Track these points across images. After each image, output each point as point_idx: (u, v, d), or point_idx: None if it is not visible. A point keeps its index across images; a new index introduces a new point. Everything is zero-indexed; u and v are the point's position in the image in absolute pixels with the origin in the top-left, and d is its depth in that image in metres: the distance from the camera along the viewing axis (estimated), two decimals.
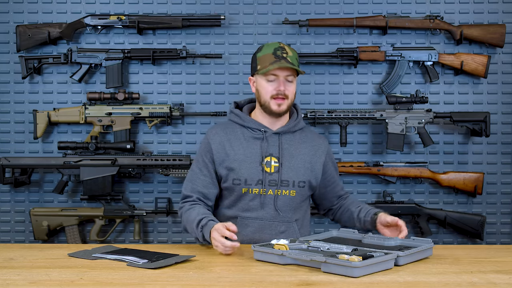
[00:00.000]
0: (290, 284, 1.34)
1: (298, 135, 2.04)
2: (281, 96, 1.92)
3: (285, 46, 1.95)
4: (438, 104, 2.93)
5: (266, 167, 1.94)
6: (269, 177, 1.94)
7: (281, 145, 1.98)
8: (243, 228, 1.94)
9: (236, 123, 2.02)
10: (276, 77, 1.92)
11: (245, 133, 1.99)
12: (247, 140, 1.98)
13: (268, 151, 1.96)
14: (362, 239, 1.77)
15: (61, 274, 1.44)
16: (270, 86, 1.93)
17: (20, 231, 2.97)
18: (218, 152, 1.97)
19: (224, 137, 1.99)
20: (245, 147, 1.96)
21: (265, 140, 1.96)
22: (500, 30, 2.84)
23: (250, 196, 1.94)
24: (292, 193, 1.97)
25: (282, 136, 1.99)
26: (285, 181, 1.95)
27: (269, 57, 1.92)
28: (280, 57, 1.91)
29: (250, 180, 1.93)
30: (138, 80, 2.96)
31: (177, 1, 2.95)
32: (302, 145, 2.02)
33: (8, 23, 2.95)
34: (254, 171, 1.94)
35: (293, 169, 1.97)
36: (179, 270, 1.49)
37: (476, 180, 2.83)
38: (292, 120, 2.04)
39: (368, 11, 2.93)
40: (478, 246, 2.07)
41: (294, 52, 1.97)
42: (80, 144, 2.79)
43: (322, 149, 2.07)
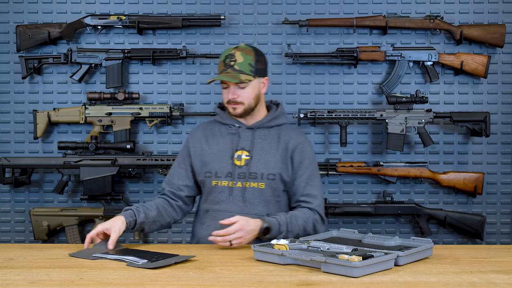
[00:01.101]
0: (290, 284, 1.34)
1: (275, 131, 2.06)
2: (233, 103, 1.99)
3: (236, 52, 1.97)
4: (438, 104, 2.93)
5: (237, 161, 1.99)
6: (239, 170, 1.98)
7: (254, 139, 2.02)
8: (213, 221, 1.96)
9: (217, 121, 2.11)
10: (227, 84, 1.99)
11: (222, 130, 2.07)
12: (222, 135, 2.05)
13: (239, 145, 2.01)
14: (362, 239, 1.77)
15: (61, 274, 1.44)
16: (224, 93, 2.02)
17: (20, 231, 2.97)
18: (194, 146, 2.06)
19: (202, 133, 2.09)
20: (220, 142, 2.04)
21: (237, 135, 2.03)
22: (500, 30, 2.84)
23: (220, 189, 1.98)
24: (261, 185, 1.97)
25: (255, 131, 2.04)
26: (253, 173, 1.98)
27: (220, 65, 2.00)
28: (228, 65, 1.96)
29: (220, 173, 1.99)
30: (138, 80, 2.96)
31: (177, 1, 2.95)
32: (276, 140, 2.04)
33: (8, 23, 2.95)
34: (224, 164, 2.00)
35: (263, 162, 1.99)
36: (179, 270, 1.49)
37: (476, 180, 2.83)
38: (268, 116, 2.07)
39: (368, 11, 2.93)
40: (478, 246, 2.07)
41: (249, 56, 1.97)
42: (80, 144, 2.79)
43: (292, 143, 2.03)
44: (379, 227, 2.95)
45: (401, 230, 2.95)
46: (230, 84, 1.97)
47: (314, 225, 1.97)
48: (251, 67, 1.97)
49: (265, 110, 2.10)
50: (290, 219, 1.90)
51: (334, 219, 2.94)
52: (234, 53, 1.97)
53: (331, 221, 2.94)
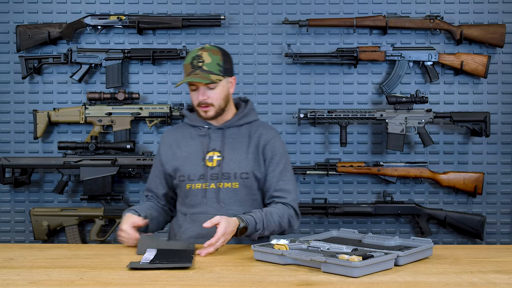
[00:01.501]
0: (290, 284, 1.34)
1: (245, 129, 2.03)
2: (203, 105, 1.95)
3: (203, 53, 1.93)
4: (438, 104, 2.93)
5: (209, 162, 1.97)
6: (211, 171, 1.96)
7: (224, 139, 2.00)
8: (191, 224, 1.95)
9: (187, 123, 2.08)
10: (195, 86, 1.94)
11: (192, 132, 2.04)
12: (193, 138, 2.03)
13: (210, 146, 1.99)
14: (362, 239, 1.77)
15: (61, 274, 1.44)
16: (194, 95, 1.96)
17: (20, 231, 2.97)
18: (165, 152, 2.04)
19: (172, 137, 2.06)
20: (190, 145, 2.01)
21: (207, 136, 2.00)
22: (500, 30, 2.84)
23: (194, 192, 1.96)
24: (234, 185, 1.95)
25: (226, 131, 2.01)
26: (226, 173, 1.96)
27: (187, 67, 1.94)
28: (196, 66, 1.92)
29: (192, 176, 1.97)
30: (138, 80, 2.96)
31: (177, 1, 2.95)
32: (246, 138, 2.01)
33: (8, 23, 2.95)
34: (196, 167, 1.97)
35: (235, 161, 1.97)
36: (179, 270, 1.49)
37: (476, 180, 2.83)
38: (237, 114, 2.04)
39: (368, 11, 2.93)
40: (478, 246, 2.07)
41: (216, 56, 1.94)
42: (80, 144, 2.79)
43: (263, 139, 2.01)
44: (379, 227, 2.95)
45: (401, 230, 2.95)
46: (199, 85, 1.92)
47: (289, 220, 1.93)
48: (220, 66, 1.94)
49: (234, 109, 2.06)
50: (266, 216, 1.85)
51: (334, 219, 2.94)
52: (201, 54, 1.93)
53: (331, 221, 2.94)
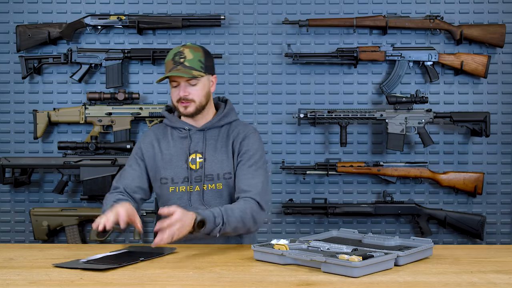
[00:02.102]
0: (290, 284, 1.34)
1: (224, 129, 2.03)
2: (184, 101, 1.94)
3: (185, 49, 1.93)
4: (438, 104, 2.93)
5: (192, 164, 1.96)
6: (195, 174, 1.95)
7: (206, 141, 1.99)
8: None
9: (167, 125, 2.06)
10: (177, 83, 1.93)
11: (173, 134, 2.02)
12: (174, 140, 2.01)
13: (193, 149, 1.98)
14: (362, 239, 1.77)
15: (61, 274, 1.44)
16: (174, 92, 1.95)
17: (20, 231, 2.97)
18: (147, 151, 2.01)
19: (153, 137, 2.03)
20: (172, 147, 1.99)
21: (189, 138, 1.99)
22: (500, 30, 2.84)
23: (178, 195, 1.95)
24: (218, 186, 1.96)
25: (207, 132, 2.00)
26: (209, 175, 1.95)
27: (169, 64, 1.93)
28: (178, 62, 1.91)
29: (176, 179, 1.96)
30: (138, 80, 2.96)
31: (177, 1, 2.95)
32: (226, 138, 2.01)
33: (8, 23, 2.95)
34: (179, 170, 1.96)
35: (217, 162, 1.96)
36: (179, 270, 1.49)
37: (476, 180, 2.83)
38: (217, 115, 2.03)
39: (368, 11, 2.93)
40: (478, 246, 2.07)
41: (198, 53, 1.94)
42: (80, 144, 2.79)
43: (240, 137, 2.00)
44: (379, 227, 2.95)
45: (401, 230, 2.95)
46: (181, 81, 1.92)
47: (252, 214, 1.85)
48: (201, 63, 1.94)
49: (214, 109, 2.06)
50: (226, 211, 1.78)
51: (334, 219, 2.94)
52: (182, 50, 1.93)
53: (331, 221, 2.94)
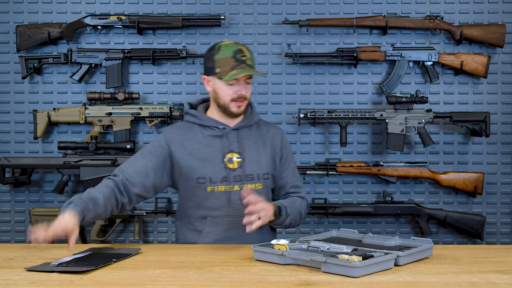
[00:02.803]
0: (290, 284, 1.34)
1: (255, 129, 2.03)
2: (241, 99, 1.93)
3: (242, 47, 1.93)
4: (438, 104, 2.93)
5: (229, 164, 1.94)
6: (233, 173, 1.94)
7: (241, 140, 1.98)
8: (214, 227, 1.93)
9: (193, 123, 2.00)
10: (236, 81, 1.91)
11: (204, 132, 1.98)
12: (206, 138, 1.97)
13: (229, 148, 1.96)
14: (362, 239, 1.77)
15: (61, 274, 1.44)
16: (230, 89, 1.91)
17: (20, 231, 2.97)
18: (177, 150, 1.94)
19: (183, 136, 1.97)
20: (205, 146, 1.95)
21: (225, 137, 1.96)
22: (500, 30, 2.84)
23: (217, 194, 1.93)
24: (258, 186, 1.96)
25: (240, 132, 1.99)
26: (249, 175, 1.95)
27: (228, 61, 1.89)
28: (240, 61, 1.90)
29: (214, 178, 1.93)
30: (138, 80, 2.96)
31: (177, 1, 2.95)
32: (260, 138, 2.02)
33: (8, 23, 2.95)
34: (217, 169, 1.93)
35: (256, 162, 1.97)
36: (179, 270, 1.49)
37: (476, 180, 2.83)
38: (248, 114, 2.03)
39: (368, 11, 2.93)
40: (478, 246, 2.07)
41: (250, 52, 1.95)
42: (80, 144, 2.79)
43: (278, 138, 2.04)
44: (379, 227, 2.95)
45: (401, 230, 2.95)
46: (241, 80, 1.90)
47: (305, 212, 2.02)
48: (254, 63, 1.98)
49: None
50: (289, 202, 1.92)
51: (334, 219, 2.94)
52: (241, 48, 1.92)
53: (331, 221, 2.94)
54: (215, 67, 1.92)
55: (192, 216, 1.97)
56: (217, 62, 1.91)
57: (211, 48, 1.96)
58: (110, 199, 1.84)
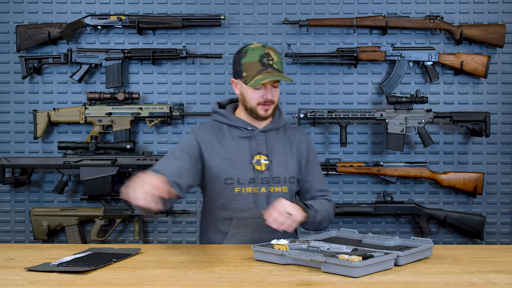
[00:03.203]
0: (290, 284, 1.34)
1: (282, 132, 2.04)
2: (268, 103, 1.93)
3: (270, 51, 1.92)
4: (438, 104, 2.93)
5: (257, 166, 1.93)
6: (261, 175, 1.93)
7: (269, 142, 1.98)
8: (240, 228, 1.93)
9: (222, 123, 2.00)
10: (263, 85, 1.90)
11: (232, 132, 1.97)
12: (235, 139, 1.96)
13: (257, 150, 1.95)
14: (362, 239, 1.77)
15: (61, 274, 1.44)
16: (256, 93, 1.91)
17: (20, 231, 2.97)
18: (207, 149, 1.93)
19: (212, 136, 1.96)
20: (234, 146, 1.95)
21: (253, 139, 1.96)
22: (500, 30, 2.84)
23: (244, 196, 1.92)
24: (284, 189, 1.96)
25: (268, 134, 1.99)
26: (276, 177, 1.95)
27: (255, 65, 1.89)
28: (267, 65, 1.89)
29: (242, 180, 1.92)
30: (138, 80, 2.96)
31: (177, 1, 2.95)
32: (287, 142, 2.02)
33: (8, 23, 2.95)
34: (245, 170, 1.92)
35: (283, 165, 1.97)
36: (179, 270, 1.49)
37: (476, 180, 2.83)
38: (276, 118, 2.03)
39: (368, 11, 2.93)
40: (478, 246, 2.07)
41: (278, 55, 1.94)
42: (80, 144, 2.79)
43: (304, 143, 2.05)
44: (379, 227, 2.95)
45: (401, 230, 2.95)
46: (267, 84, 1.90)
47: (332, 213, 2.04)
48: (282, 66, 1.96)
49: None
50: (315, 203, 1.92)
51: (334, 219, 2.92)
52: (268, 52, 1.91)
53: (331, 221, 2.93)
54: (242, 71, 1.92)
55: (217, 217, 1.96)
56: (244, 66, 1.91)
57: (239, 51, 1.96)
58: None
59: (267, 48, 1.92)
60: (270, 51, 1.92)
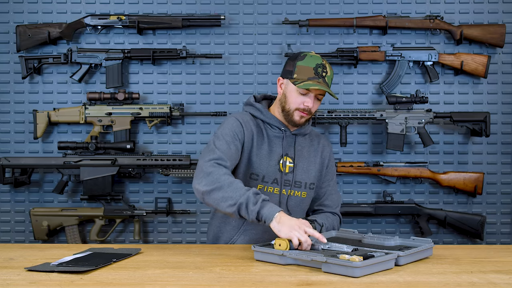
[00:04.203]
0: (290, 284, 1.34)
1: (308, 138, 2.06)
2: (306, 112, 1.92)
3: (326, 64, 1.92)
4: (438, 104, 2.93)
5: (282, 167, 1.94)
6: (284, 177, 1.94)
7: (296, 146, 1.99)
8: (252, 226, 1.93)
9: (256, 117, 1.99)
10: (308, 92, 1.89)
11: (267, 130, 1.97)
12: (269, 137, 1.96)
13: (285, 151, 1.96)
14: (362, 239, 1.77)
15: (61, 274, 1.44)
16: (299, 98, 1.90)
17: (20, 231, 2.97)
18: (248, 139, 1.92)
19: (254, 128, 1.95)
20: (268, 144, 1.95)
21: (285, 140, 1.96)
22: (500, 30, 2.84)
23: (265, 194, 1.89)
24: (303, 195, 1.98)
25: (297, 138, 2.00)
26: (298, 182, 1.97)
27: (309, 71, 1.88)
28: (320, 75, 1.89)
29: (267, 178, 1.92)
30: (138, 80, 2.96)
31: (177, 1, 2.95)
32: (312, 148, 2.04)
33: (8, 23, 2.95)
34: (272, 169, 1.93)
35: (305, 171, 1.99)
36: (179, 270, 1.49)
37: (476, 180, 2.83)
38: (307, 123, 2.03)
39: (368, 11, 2.93)
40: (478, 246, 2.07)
41: (332, 72, 1.94)
42: (80, 144, 2.79)
43: (327, 151, 2.08)
44: (379, 227, 2.95)
45: (401, 230, 2.95)
46: (313, 93, 1.89)
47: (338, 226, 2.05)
48: (331, 82, 1.95)
49: None
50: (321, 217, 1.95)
51: None
52: (325, 64, 1.91)
53: None
54: (294, 71, 1.91)
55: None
56: (297, 68, 1.91)
57: (297, 54, 1.96)
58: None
59: (325, 61, 1.93)
60: (327, 65, 1.93)
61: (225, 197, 1.68)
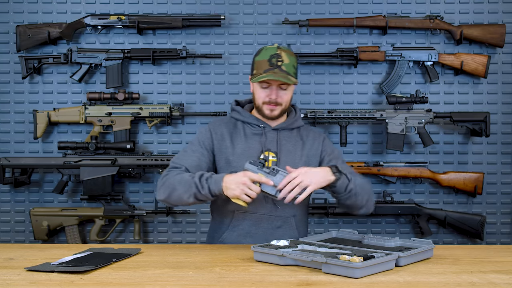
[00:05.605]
0: (290, 284, 1.34)
1: (296, 133, 2.05)
2: (273, 104, 1.95)
3: (282, 53, 1.93)
4: (438, 104, 2.93)
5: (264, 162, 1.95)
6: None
7: (279, 140, 1.99)
8: (240, 221, 1.95)
9: (237, 119, 2.04)
10: (269, 84, 1.93)
11: (246, 129, 2.01)
12: (247, 135, 2.00)
13: (266, 146, 1.97)
14: (362, 239, 1.77)
15: (61, 274, 1.44)
16: (262, 92, 1.95)
17: (20, 231, 2.97)
18: (218, 142, 1.98)
19: (225, 130, 2.01)
20: (244, 142, 1.98)
21: (264, 136, 1.98)
22: (500, 30, 2.84)
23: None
24: None
25: (280, 133, 2.01)
26: None
27: (264, 64, 1.91)
28: (275, 65, 1.90)
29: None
30: (138, 80, 2.96)
31: (177, 1, 2.95)
32: (299, 142, 2.03)
33: (8, 23, 2.95)
34: None
35: (290, 164, 1.96)
36: (179, 270, 1.49)
37: (476, 180, 2.83)
38: (290, 117, 2.05)
39: (368, 11, 2.93)
40: (478, 246, 2.07)
41: (292, 58, 1.94)
42: (80, 144, 2.79)
43: (318, 140, 2.05)
44: (379, 227, 2.95)
45: (401, 230, 2.95)
46: (273, 84, 1.92)
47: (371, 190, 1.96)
48: (294, 69, 1.95)
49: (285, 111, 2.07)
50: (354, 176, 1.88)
51: (334, 219, 2.94)
52: (280, 53, 1.92)
53: (331, 221, 2.94)
54: (253, 68, 1.97)
55: (222, 208, 1.99)
56: (255, 64, 1.96)
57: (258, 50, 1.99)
58: None
59: (281, 50, 1.93)
60: (283, 52, 1.93)
61: (181, 194, 1.82)
